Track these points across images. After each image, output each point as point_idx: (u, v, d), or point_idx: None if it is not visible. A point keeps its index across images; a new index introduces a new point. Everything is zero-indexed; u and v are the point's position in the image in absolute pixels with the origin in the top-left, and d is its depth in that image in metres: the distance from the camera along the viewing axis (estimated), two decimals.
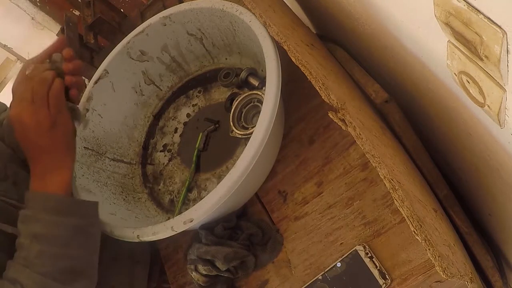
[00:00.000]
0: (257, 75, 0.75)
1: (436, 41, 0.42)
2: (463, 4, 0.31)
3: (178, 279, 0.72)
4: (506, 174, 0.54)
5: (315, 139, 0.68)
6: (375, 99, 0.71)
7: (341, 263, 0.57)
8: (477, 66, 0.35)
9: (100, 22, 1.10)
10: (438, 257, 0.40)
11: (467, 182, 0.77)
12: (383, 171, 0.44)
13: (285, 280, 0.62)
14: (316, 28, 1.03)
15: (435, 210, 0.58)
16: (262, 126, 0.56)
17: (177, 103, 0.87)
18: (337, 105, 0.49)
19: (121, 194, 0.76)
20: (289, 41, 0.55)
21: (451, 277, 0.40)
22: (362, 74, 0.76)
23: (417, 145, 0.73)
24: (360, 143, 0.47)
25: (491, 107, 0.39)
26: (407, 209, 0.42)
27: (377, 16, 0.57)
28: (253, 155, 0.55)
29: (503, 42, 0.29)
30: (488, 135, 0.49)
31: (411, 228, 0.42)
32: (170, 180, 0.79)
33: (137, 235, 0.59)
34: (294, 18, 0.81)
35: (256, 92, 0.71)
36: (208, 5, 0.71)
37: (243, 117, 0.72)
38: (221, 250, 0.61)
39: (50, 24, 1.75)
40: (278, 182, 0.69)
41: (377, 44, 0.67)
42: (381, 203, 0.58)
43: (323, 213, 0.63)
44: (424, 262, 0.53)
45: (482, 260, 0.72)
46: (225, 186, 0.55)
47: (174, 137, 0.83)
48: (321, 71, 0.54)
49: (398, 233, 0.56)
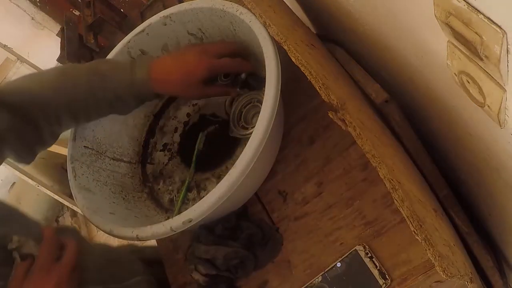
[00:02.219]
0: (257, 75, 0.75)
1: (436, 41, 0.42)
2: (463, 4, 0.31)
3: (178, 279, 0.72)
4: (506, 174, 0.54)
5: (315, 139, 0.68)
6: (375, 99, 0.71)
7: (341, 263, 0.57)
8: (477, 66, 0.35)
9: (100, 22, 1.10)
10: (438, 257, 0.40)
11: (467, 182, 0.77)
12: (383, 171, 0.44)
13: (285, 280, 0.62)
14: (316, 28, 1.03)
15: (435, 210, 0.58)
16: (262, 126, 0.56)
17: (177, 102, 0.87)
18: (337, 105, 0.49)
19: (121, 193, 0.76)
20: (289, 41, 0.55)
21: (451, 277, 0.40)
22: (362, 74, 0.76)
23: (417, 145, 0.73)
24: (360, 143, 0.47)
25: (491, 107, 0.39)
26: (407, 209, 0.42)
27: (377, 16, 0.57)
28: (252, 155, 0.55)
29: (503, 42, 0.29)
30: (488, 135, 0.49)
31: (411, 228, 0.42)
32: (169, 179, 0.79)
33: (136, 234, 0.59)
34: (294, 18, 0.81)
35: (256, 93, 0.71)
36: (209, 5, 0.71)
37: (243, 117, 0.72)
38: (221, 250, 0.61)
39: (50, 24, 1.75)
40: (278, 182, 0.69)
41: (377, 44, 0.68)
42: (381, 203, 0.58)
43: (323, 213, 0.63)
44: (424, 262, 0.53)
45: (482, 260, 0.72)
46: (225, 186, 0.55)
47: (174, 137, 0.83)
48: (321, 71, 0.54)
49: (398, 233, 0.56)
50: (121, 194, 0.76)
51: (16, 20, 1.63)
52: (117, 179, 0.79)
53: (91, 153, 0.77)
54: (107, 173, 0.77)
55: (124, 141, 0.84)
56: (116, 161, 0.81)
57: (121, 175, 0.80)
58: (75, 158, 0.73)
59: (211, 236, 0.63)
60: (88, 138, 0.77)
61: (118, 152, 0.82)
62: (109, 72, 0.65)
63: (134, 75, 0.65)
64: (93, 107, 0.66)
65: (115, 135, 0.82)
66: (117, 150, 0.82)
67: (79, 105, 0.65)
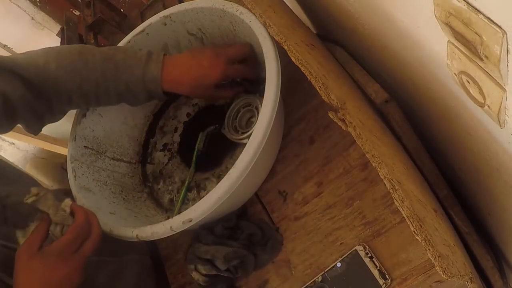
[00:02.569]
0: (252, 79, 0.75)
1: (436, 41, 0.42)
2: (463, 4, 0.31)
3: (178, 279, 0.72)
4: (506, 174, 0.54)
5: (315, 139, 0.68)
6: (375, 99, 0.71)
7: (341, 263, 0.57)
8: (477, 66, 0.35)
9: (100, 22, 1.10)
10: (438, 257, 0.40)
11: (467, 182, 0.77)
12: (383, 171, 0.44)
13: (285, 280, 0.62)
14: (316, 28, 1.04)
15: (435, 210, 0.58)
16: (262, 126, 0.56)
17: (177, 102, 0.87)
18: (337, 105, 0.49)
19: (121, 193, 0.76)
20: (289, 41, 0.55)
21: (451, 277, 0.40)
22: (362, 74, 0.76)
23: (417, 145, 0.73)
24: (360, 143, 0.47)
25: (491, 107, 0.39)
26: (407, 209, 0.42)
27: (377, 16, 0.57)
28: (252, 155, 0.55)
29: (503, 42, 0.29)
30: (488, 135, 0.49)
31: (411, 228, 0.42)
32: (169, 179, 0.79)
33: (136, 234, 0.59)
34: (294, 18, 0.81)
35: (254, 97, 0.72)
36: (209, 5, 0.71)
37: (238, 120, 0.72)
38: (221, 250, 0.61)
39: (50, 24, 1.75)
40: (278, 182, 0.69)
41: (377, 44, 0.67)
42: (381, 203, 0.58)
43: (323, 213, 0.63)
44: (424, 262, 0.53)
45: (482, 260, 0.72)
46: (225, 186, 0.55)
47: (174, 137, 0.83)
48: (321, 71, 0.54)
49: (398, 233, 0.56)
50: (121, 194, 0.76)
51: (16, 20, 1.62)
52: (117, 179, 0.79)
53: (91, 153, 0.77)
54: (107, 173, 0.77)
55: (124, 141, 0.84)
56: (116, 161, 0.81)
57: (121, 175, 0.80)
58: (75, 158, 0.73)
59: (211, 236, 0.63)
60: (88, 138, 0.77)
61: (118, 152, 0.82)
62: (123, 62, 0.66)
63: (146, 70, 0.65)
64: (104, 93, 0.67)
65: (115, 135, 0.82)
66: (117, 150, 0.82)
67: (90, 89, 0.66)
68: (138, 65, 0.65)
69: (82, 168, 0.73)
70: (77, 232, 0.54)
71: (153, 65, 0.65)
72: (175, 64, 0.67)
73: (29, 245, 0.52)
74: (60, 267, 0.51)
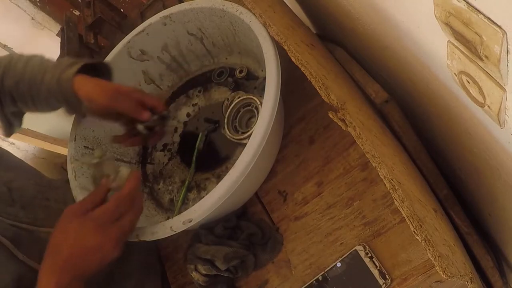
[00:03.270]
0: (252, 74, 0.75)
1: (436, 41, 0.42)
2: (463, 4, 0.31)
3: (178, 279, 0.72)
4: (506, 174, 0.54)
5: (315, 139, 0.68)
6: (375, 99, 0.71)
7: (341, 263, 0.57)
8: (477, 66, 0.35)
9: (100, 22, 1.10)
10: (438, 257, 0.40)
11: (467, 182, 0.77)
12: (383, 171, 0.44)
13: (285, 280, 0.62)
14: (316, 28, 1.04)
15: (435, 210, 0.58)
16: (262, 126, 0.56)
17: (177, 102, 0.87)
18: (337, 105, 0.49)
19: None
20: (289, 41, 0.55)
21: (451, 277, 0.40)
22: (362, 74, 0.76)
23: (417, 145, 0.73)
24: (360, 143, 0.47)
25: (491, 107, 0.39)
26: (407, 209, 0.42)
27: (377, 16, 0.57)
28: (252, 155, 0.55)
29: (503, 42, 0.29)
30: (488, 135, 0.49)
31: (411, 228, 0.42)
32: (169, 179, 0.79)
33: (136, 234, 0.59)
34: (294, 18, 0.81)
35: (254, 96, 0.71)
36: (209, 5, 0.71)
37: (238, 120, 0.72)
38: (221, 250, 0.61)
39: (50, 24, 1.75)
40: (278, 182, 0.69)
41: (377, 44, 0.67)
42: (381, 203, 0.58)
43: (323, 213, 0.63)
44: (424, 262, 0.53)
45: (482, 260, 0.72)
46: (225, 186, 0.55)
47: (174, 137, 0.83)
48: (321, 71, 0.54)
49: (398, 233, 0.56)
50: None
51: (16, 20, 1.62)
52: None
53: (92, 153, 0.76)
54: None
55: None
56: (116, 161, 0.81)
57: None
58: (75, 158, 0.73)
59: (211, 236, 0.63)
60: (88, 138, 0.77)
61: (118, 152, 0.82)
62: (51, 67, 0.66)
63: (64, 71, 0.65)
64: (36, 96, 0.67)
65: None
66: (117, 150, 0.82)
67: (23, 90, 0.66)
68: (59, 67, 0.66)
69: (82, 168, 0.73)
70: (117, 203, 0.53)
71: (70, 70, 0.65)
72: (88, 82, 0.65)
73: (79, 206, 0.52)
74: (94, 234, 0.50)
